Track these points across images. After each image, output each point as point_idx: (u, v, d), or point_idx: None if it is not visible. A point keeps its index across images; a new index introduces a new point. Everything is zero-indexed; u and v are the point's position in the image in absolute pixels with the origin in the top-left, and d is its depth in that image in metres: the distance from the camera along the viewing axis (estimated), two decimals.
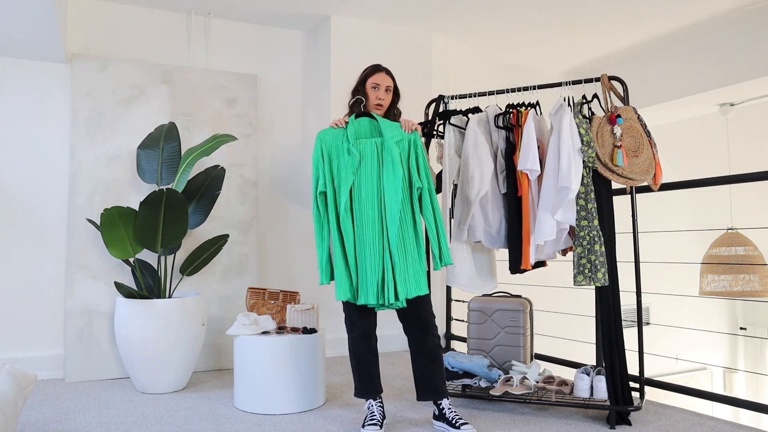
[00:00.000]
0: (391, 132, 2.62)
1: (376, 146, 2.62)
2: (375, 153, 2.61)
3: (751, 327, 7.18)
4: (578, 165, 2.77)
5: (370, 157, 2.60)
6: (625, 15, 4.39)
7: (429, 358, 2.67)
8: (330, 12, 4.26)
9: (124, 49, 4.09)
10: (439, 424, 2.71)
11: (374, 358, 2.74)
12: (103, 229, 3.35)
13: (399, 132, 2.64)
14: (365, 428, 2.62)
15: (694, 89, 4.87)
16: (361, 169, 2.60)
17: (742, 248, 5.36)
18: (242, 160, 4.23)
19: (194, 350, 3.48)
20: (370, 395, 2.73)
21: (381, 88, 2.79)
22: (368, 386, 2.72)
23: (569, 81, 3.05)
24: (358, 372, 2.72)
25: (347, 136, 2.63)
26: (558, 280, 4.11)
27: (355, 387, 2.76)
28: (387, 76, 2.81)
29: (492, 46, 5.04)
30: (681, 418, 2.86)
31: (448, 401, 2.71)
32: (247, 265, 4.18)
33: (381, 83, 2.79)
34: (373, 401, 2.72)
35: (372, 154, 2.61)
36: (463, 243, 3.10)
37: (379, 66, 2.84)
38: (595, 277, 2.76)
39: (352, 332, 2.70)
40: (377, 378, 2.74)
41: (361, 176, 2.59)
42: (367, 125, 2.68)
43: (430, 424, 2.79)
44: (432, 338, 2.68)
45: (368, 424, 2.63)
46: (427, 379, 2.68)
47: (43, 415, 2.94)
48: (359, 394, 2.74)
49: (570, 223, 2.80)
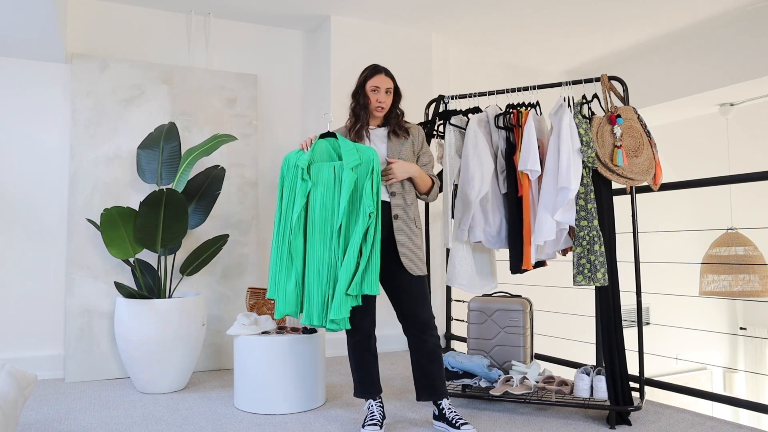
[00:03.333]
0: (350, 156, 2.61)
1: (334, 170, 2.64)
2: (332, 177, 2.64)
3: (751, 327, 7.18)
4: (578, 165, 2.77)
5: (325, 182, 2.64)
6: (625, 15, 4.39)
7: (428, 359, 2.67)
8: (330, 12, 4.26)
9: (124, 49, 4.09)
10: (439, 424, 2.71)
11: (373, 358, 2.73)
12: (103, 229, 3.35)
13: (357, 157, 2.61)
14: (365, 428, 2.62)
15: (694, 89, 4.87)
16: (314, 193, 2.65)
17: (742, 248, 5.36)
18: (242, 160, 4.23)
19: (194, 350, 3.48)
20: (369, 395, 2.72)
21: (381, 90, 2.73)
22: (368, 386, 2.72)
23: (569, 81, 3.05)
24: (357, 372, 2.72)
25: (306, 159, 2.67)
26: (558, 280, 4.11)
27: (355, 387, 2.75)
28: (386, 77, 2.75)
29: (492, 46, 5.04)
30: (681, 418, 2.86)
31: (448, 401, 2.70)
32: (247, 265, 4.18)
33: (381, 86, 2.73)
34: (372, 401, 2.71)
35: (328, 178, 2.64)
36: (463, 243, 3.10)
37: (378, 67, 2.78)
38: (595, 277, 2.76)
39: (351, 333, 2.70)
40: (377, 378, 2.73)
41: (315, 200, 2.63)
42: (328, 148, 2.69)
43: (430, 424, 2.79)
44: (431, 338, 2.67)
45: (368, 424, 2.63)
46: (426, 379, 2.68)
47: (43, 415, 2.94)
48: (359, 394, 2.74)
49: (569, 223, 2.80)
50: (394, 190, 2.68)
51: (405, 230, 2.66)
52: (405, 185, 2.71)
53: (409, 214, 2.69)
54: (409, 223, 2.68)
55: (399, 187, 2.69)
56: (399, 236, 2.64)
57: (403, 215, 2.67)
